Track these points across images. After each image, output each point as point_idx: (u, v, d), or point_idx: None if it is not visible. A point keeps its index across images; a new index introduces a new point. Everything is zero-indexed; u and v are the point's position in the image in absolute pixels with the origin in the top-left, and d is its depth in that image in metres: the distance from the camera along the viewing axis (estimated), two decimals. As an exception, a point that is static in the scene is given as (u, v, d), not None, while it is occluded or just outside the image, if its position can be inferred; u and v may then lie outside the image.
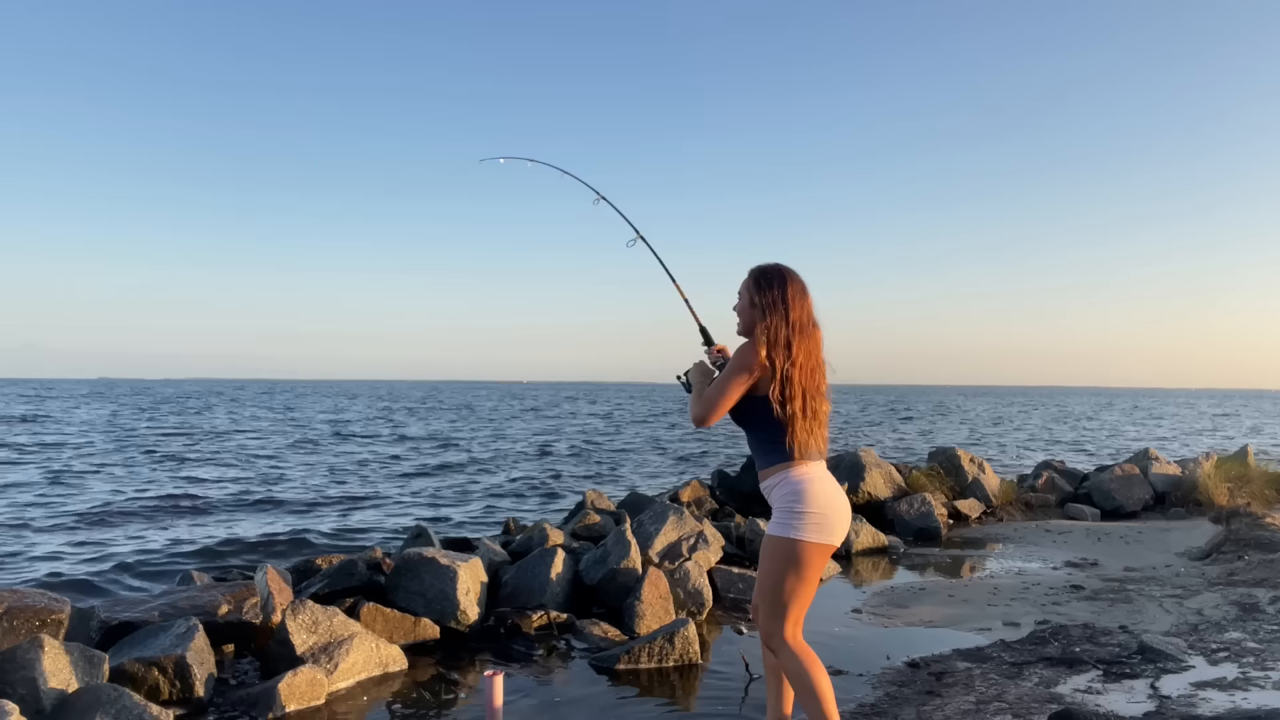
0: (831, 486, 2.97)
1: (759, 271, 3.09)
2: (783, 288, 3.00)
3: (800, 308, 3.00)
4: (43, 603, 4.40)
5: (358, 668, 4.41)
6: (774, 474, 2.98)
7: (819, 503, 2.89)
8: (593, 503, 8.87)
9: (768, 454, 3.00)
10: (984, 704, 3.95)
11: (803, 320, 2.99)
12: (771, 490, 3.00)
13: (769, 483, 3.01)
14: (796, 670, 2.91)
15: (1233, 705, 3.85)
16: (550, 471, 17.46)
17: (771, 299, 2.99)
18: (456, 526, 10.72)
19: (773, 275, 3.05)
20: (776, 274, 3.05)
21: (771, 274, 3.05)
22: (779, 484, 2.96)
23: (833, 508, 2.92)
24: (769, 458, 2.99)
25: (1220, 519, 8.84)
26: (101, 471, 16.04)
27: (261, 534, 9.63)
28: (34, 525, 10.19)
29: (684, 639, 4.71)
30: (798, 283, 3.04)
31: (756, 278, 3.07)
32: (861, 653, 4.83)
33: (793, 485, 2.92)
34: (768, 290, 3.01)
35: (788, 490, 2.92)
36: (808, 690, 2.88)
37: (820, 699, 2.86)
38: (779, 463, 2.96)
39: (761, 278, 3.06)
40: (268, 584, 4.89)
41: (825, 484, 2.95)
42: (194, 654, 4.09)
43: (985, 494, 10.42)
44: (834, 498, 2.94)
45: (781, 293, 2.99)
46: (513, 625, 5.27)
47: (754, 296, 3.04)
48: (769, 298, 3.00)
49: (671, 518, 6.71)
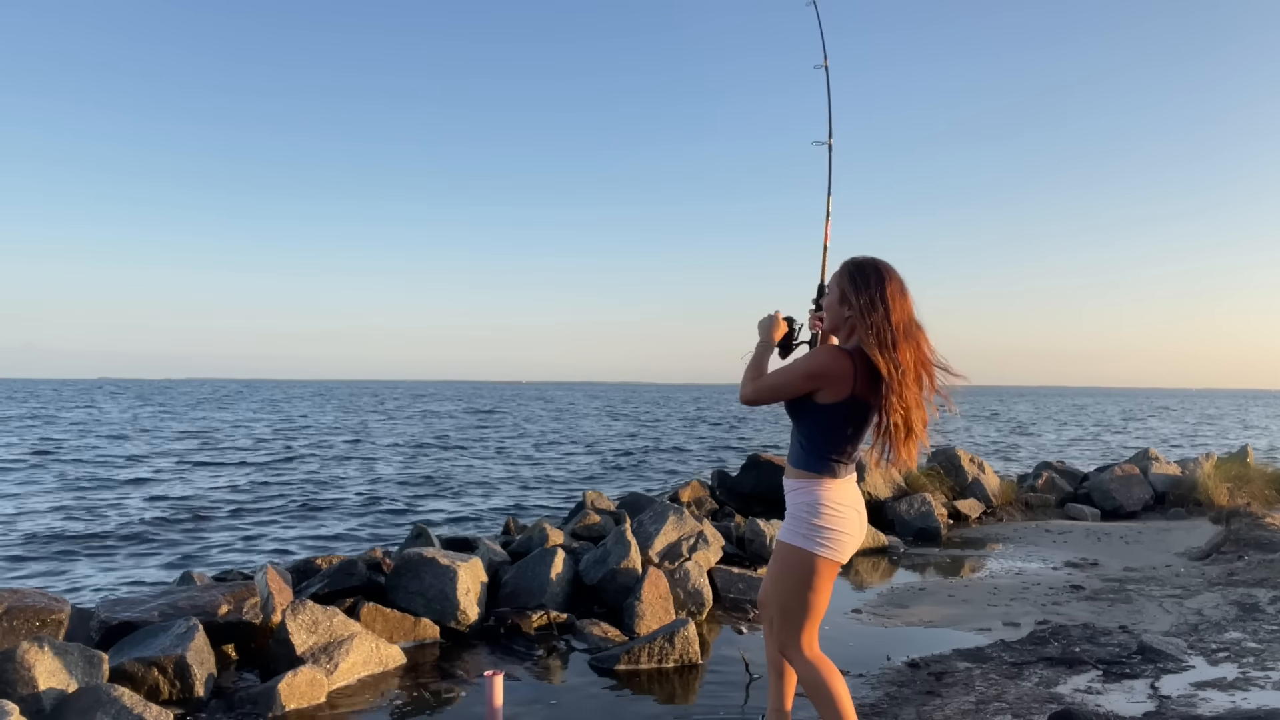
0: (853, 505, 2.86)
1: (854, 266, 2.81)
2: (881, 285, 2.74)
3: (901, 308, 2.74)
4: (43, 603, 4.41)
5: (358, 667, 4.41)
6: (803, 478, 2.86)
7: (836, 521, 2.80)
8: (593, 503, 8.87)
9: (805, 456, 2.86)
10: (984, 704, 3.95)
11: (905, 322, 2.73)
12: (793, 492, 2.90)
13: (794, 484, 2.90)
14: (814, 680, 2.87)
15: (1233, 705, 3.85)
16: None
17: (870, 298, 2.73)
18: (456, 524, 10.76)
19: (869, 270, 2.78)
20: (874, 269, 2.78)
21: (869, 269, 2.78)
22: (802, 489, 2.85)
23: (849, 526, 2.83)
24: (804, 462, 2.86)
25: (1220, 519, 8.84)
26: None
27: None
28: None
29: (684, 639, 4.71)
30: (897, 280, 2.78)
31: (851, 272, 2.80)
32: (861, 653, 4.83)
33: (814, 496, 2.81)
34: (864, 289, 2.74)
35: (808, 499, 2.82)
36: (826, 699, 2.85)
37: (839, 707, 2.84)
38: (811, 471, 2.84)
39: (858, 272, 2.78)
40: (267, 584, 4.89)
41: (846, 503, 2.83)
42: (194, 654, 4.09)
43: (985, 494, 10.42)
44: (853, 518, 2.84)
45: (880, 291, 2.73)
46: (513, 625, 5.27)
47: (847, 293, 2.79)
48: (867, 296, 2.73)
49: (671, 518, 6.70)
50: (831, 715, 2.85)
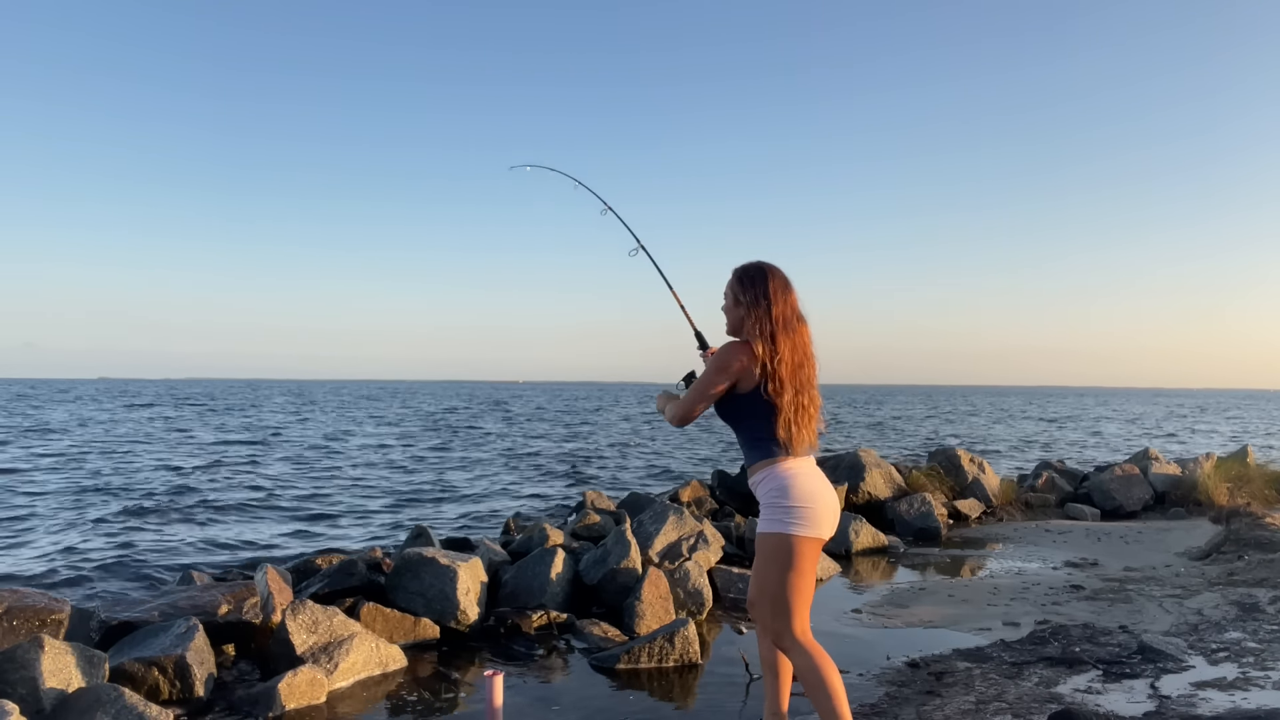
0: (818, 480, 3.00)
1: (741, 271, 3.14)
2: (764, 284, 3.05)
3: (783, 302, 3.04)
4: (43, 602, 4.41)
5: (358, 667, 4.41)
6: (760, 469, 3.02)
7: (805, 496, 2.92)
8: (593, 503, 8.87)
9: (754, 450, 3.04)
10: (984, 704, 3.95)
11: (786, 315, 3.03)
12: (758, 485, 3.04)
13: (756, 478, 3.05)
14: (807, 666, 2.91)
15: (1233, 705, 3.85)
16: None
17: (754, 295, 3.04)
18: (455, 527, 10.75)
19: (754, 273, 3.10)
20: (758, 271, 3.10)
21: (753, 271, 3.10)
22: (765, 479, 3.00)
23: (819, 500, 2.94)
24: (755, 454, 3.04)
25: (1220, 519, 8.84)
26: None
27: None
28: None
29: (684, 639, 4.71)
30: (779, 278, 3.09)
31: (740, 276, 3.12)
32: (861, 652, 4.83)
33: (778, 480, 2.95)
34: (750, 287, 3.06)
35: (773, 485, 2.96)
36: (819, 686, 2.88)
37: (832, 695, 2.86)
38: (764, 458, 3.01)
39: (744, 276, 3.11)
40: (267, 584, 4.89)
41: (811, 478, 2.98)
42: (194, 654, 4.09)
43: (985, 494, 10.42)
44: (820, 491, 2.97)
45: (763, 289, 3.04)
46: (513, 625, 5.27)
47: (738, 295, 3.09)
48: (751, 294, 3.05)
49: (671, 518, 6.71)
50: (825, 702, 2.87)
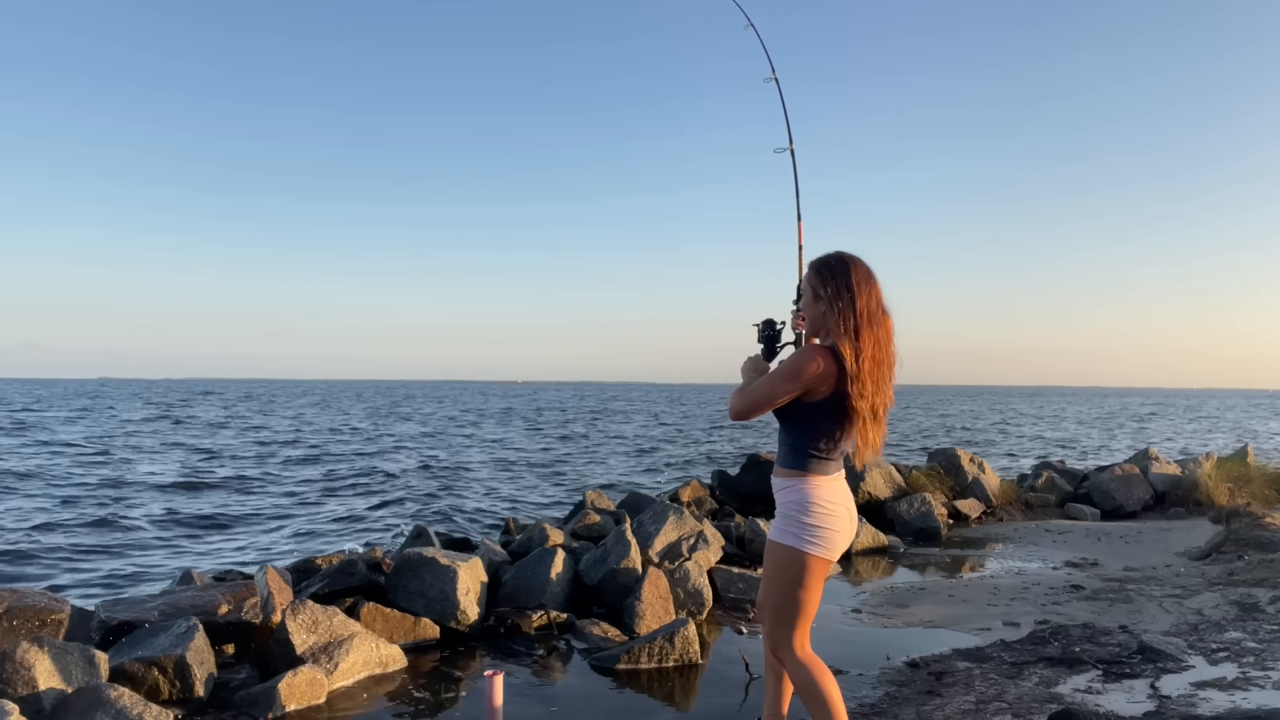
0: (842, 502, 2.90)
1: (819, 263, 2.94)
2: (846, 275, 2.86)
3: (867, 295, 2.85)
4: (43, 602, 4.41)
5: (358, 667, 4.41)
6: (791, 477, 2.90)
7: (826, 518, 2.83)
8: (593, 502, 8.87)
9: (792, 455, 2.91)
10: (984, 704, 3.95)
11: (871, 308, 2.84)
12: (782, 491, 2.93)
13: (782, 483, 2.94)
14: (804, 679, 2.88)
15: (1233, 705, 3.85)
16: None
17: (836, 289, 2.85)
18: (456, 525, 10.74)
19: (835, 264, 2.90)
20: (839, 262, 2.90)
21: (833, 263, 2.91)
22: (791, 488, 2.89)
23: (838, 523, 2.85)
24: (791, 459, 2.91)
25: (1220, 519, 8.84)
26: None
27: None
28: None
29: (684, 639, 4.71)
30: (862, 269, 2.89)
31: (818, 269, 2.93)
32: (861, 652, 4.82)
33: (803, 495, 2.85)
34: (830, 280, 2.87)
35: (797, 498, 2.86)
36: (816, 698, 2.85)
37: (829, 707, 2.84)
38: (798, 469, 2.89)
39: (824, 268, 2.91)
40: (267, 584, 4.89)
41: (835, 501, 2.87)
42: (194, 654, 4.08)
43: (985, 494, 10.42)
44: (842, 516, 2.87)
45: (845, 281, 2.85)
46: (513, 625, 5.27)
47: (817, 290, 2.90)
48: (833, 287, 2.85)
49: (671, 518, 6.70)
50: (822, 714, 2.85)
